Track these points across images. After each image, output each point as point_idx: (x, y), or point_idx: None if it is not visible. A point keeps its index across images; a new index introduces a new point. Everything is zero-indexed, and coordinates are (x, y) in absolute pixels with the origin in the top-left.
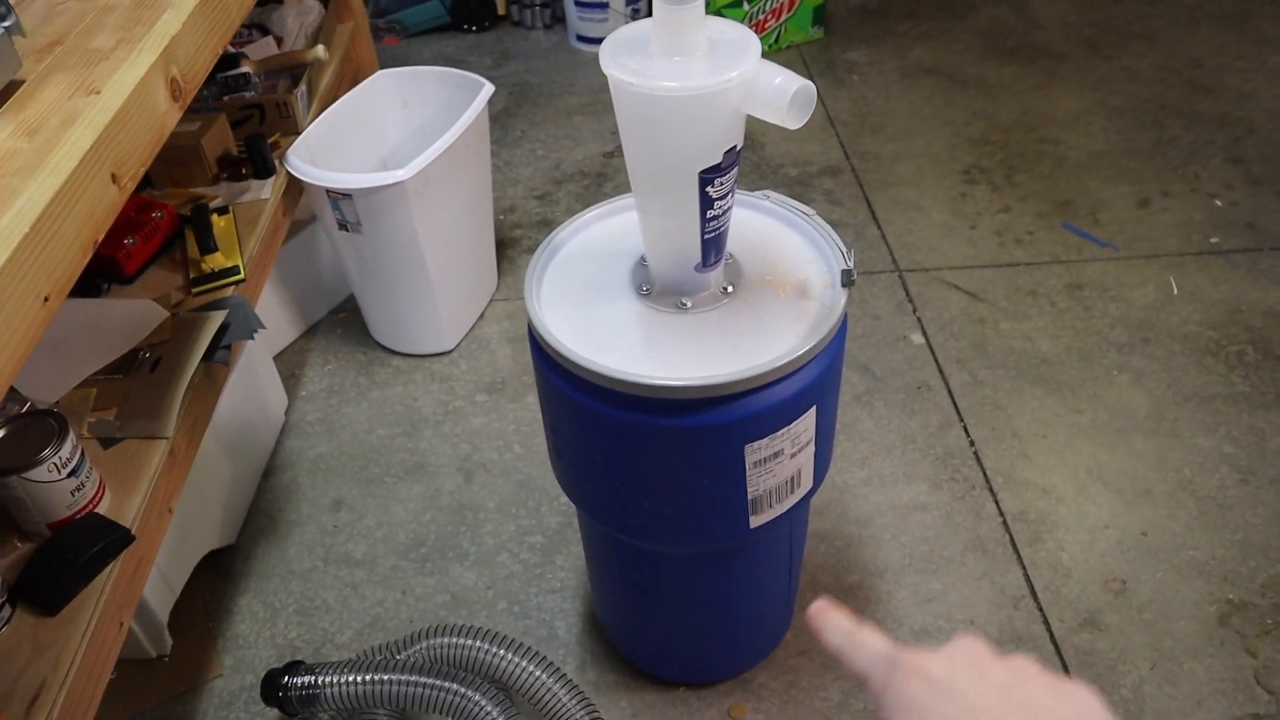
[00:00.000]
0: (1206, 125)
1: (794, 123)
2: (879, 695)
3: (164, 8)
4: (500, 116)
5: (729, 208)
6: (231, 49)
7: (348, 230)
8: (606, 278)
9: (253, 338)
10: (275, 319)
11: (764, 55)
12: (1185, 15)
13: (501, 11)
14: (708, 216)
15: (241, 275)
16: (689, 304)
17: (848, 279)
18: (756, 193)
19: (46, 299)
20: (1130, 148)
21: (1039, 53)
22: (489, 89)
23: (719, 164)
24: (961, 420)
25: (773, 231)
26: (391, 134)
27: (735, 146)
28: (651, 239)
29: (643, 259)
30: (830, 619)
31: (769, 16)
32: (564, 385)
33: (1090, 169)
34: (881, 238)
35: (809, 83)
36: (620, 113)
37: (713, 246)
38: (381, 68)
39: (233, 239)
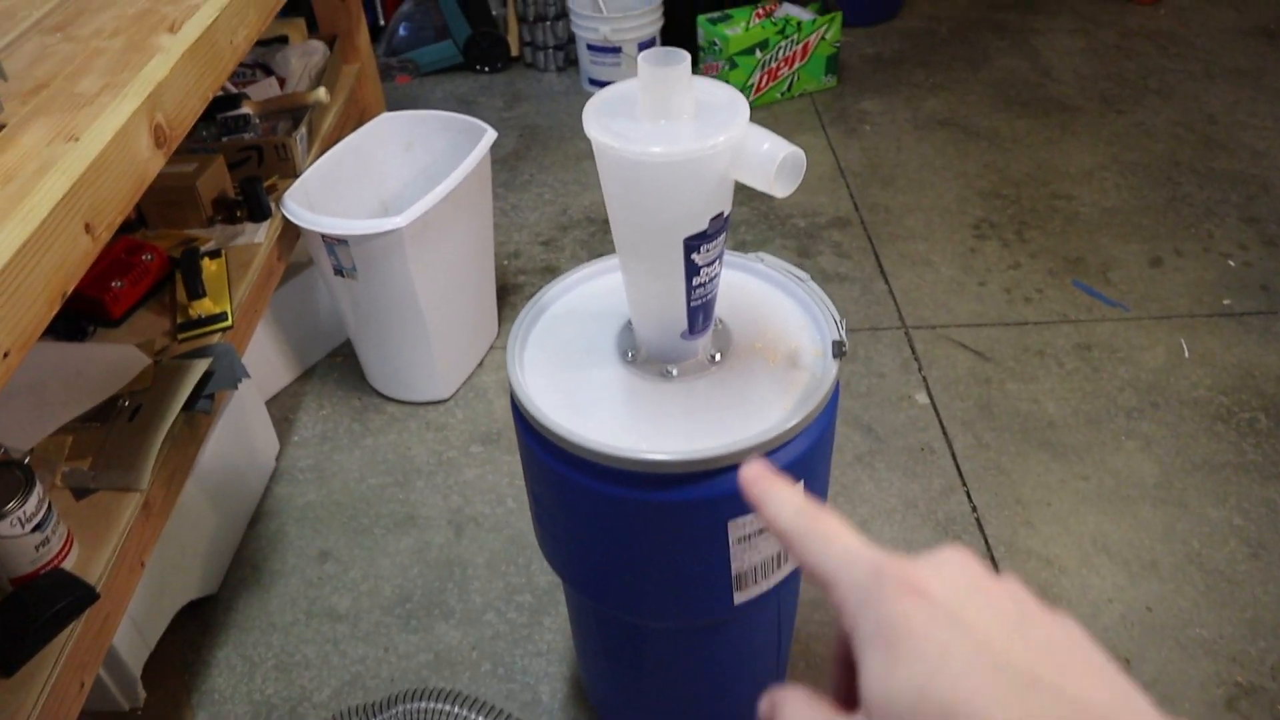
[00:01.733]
0: (1221, 183)
1: (781, 191)
2: (855, 610)
3: (153, 52)
4: (509, 159)
5: (716, 274)
6: (233, 89)
7: (343, 276)
8: (592, 341)
9: (236, 387)
10: (270, 362)
11: (776, 103)
12: (1200, 71)
13: (515, 53)
14: (694, 284)
15: (229, 322)
16: (675, 371)
17: (839, 350)
18: (749, 255)
19: (6, 354)
20: (1143, 205)
21: (1053, 106)
22: (491, 135)
23: (705, 231)
24: (964, 485)
25: (765, 296)
26: (394, 177)
27: (723, 213)
28: (637, 304)
29: (630, 322)
30: (775, 489)
31: (782, 64)
32: (544, 454)
33: (1102, 226)
34: (889, 292)
35: (798, 149)
36: (604, 176)
37: (699, 314)
38: (393, 107)
39: (223, 284)
